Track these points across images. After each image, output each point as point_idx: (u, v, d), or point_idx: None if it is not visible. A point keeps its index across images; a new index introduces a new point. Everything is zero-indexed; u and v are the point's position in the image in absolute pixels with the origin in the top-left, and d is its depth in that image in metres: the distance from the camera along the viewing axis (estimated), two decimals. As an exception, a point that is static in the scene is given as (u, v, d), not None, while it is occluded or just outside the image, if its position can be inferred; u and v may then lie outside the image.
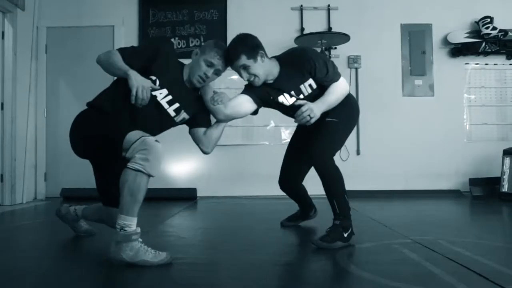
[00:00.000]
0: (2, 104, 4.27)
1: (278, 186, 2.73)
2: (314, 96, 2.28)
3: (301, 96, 2.30)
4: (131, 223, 1.81)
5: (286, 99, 2.33)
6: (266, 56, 2.25)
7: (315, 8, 4.93)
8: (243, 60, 2.15)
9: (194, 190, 4.60)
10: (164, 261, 1.84)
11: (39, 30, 4.77)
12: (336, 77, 2.27)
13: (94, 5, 4.85)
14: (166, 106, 2.09)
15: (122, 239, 1.80)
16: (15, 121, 4.33)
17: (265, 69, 2.22)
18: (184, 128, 2.34)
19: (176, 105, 2.12)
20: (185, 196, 4.48)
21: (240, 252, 2.15)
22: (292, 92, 2.30)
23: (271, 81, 2.28)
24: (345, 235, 2.16)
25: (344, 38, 4.56)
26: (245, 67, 2.17)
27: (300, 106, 2.20)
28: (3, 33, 4.28)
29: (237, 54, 2.14)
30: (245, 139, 4.84)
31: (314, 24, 4.84)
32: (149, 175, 1.80)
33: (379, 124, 4.86)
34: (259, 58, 2.18)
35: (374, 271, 1.72)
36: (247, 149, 4.83)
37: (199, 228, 3.10)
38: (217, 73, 2.17)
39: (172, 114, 2.13)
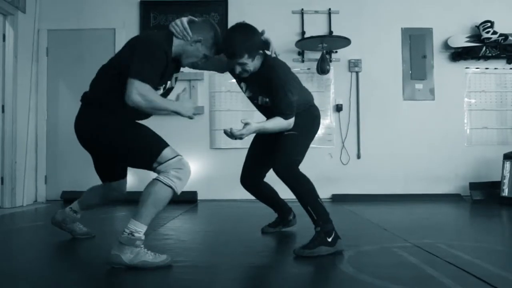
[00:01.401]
0: (3, 106, 4.28)
1: (277, 189, 2.73)
2: (267, 105, 2.32)
3: (255, 101, 2.38)
4: (141, 230, 1.83)
5: (245, 90, 2.40)
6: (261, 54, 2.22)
7: (316, 12, 4.94)
8: (244, 59, 2.12)
9: (194, 193, 4.59)
10: (164, 263, 1.84)
11: (40, 32, 4.79)
12: (284, 116, 2.21)
13: (95, 8, 4.87)
14: (160, 91, 2.05)
15: (126, 242, 1.80)
16: (15, 123, 4.34)
17: (256, 65, 2.21)
18: (185, 132, 2.35)
19: (168, 84, 2.10)
20: (185, 199, 4.47)
21: (240, 255, 2.15)
22: (252, 94, 2.36)
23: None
24: (329, 239, 2.09)
25: (344, 41, 4.57)
26: (242, 64, 2.15)
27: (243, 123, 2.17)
28: (4, 35, 4.29)
29: (240, 53, 2.10)
30: (245, 143, 4.78)
31: (315, 27, 4.86)
32: (176, 193, 1.87)
33: (380, 128, 4.86)
34: (256, 57, 2.17)
35: (374, 274, 1.72)
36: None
37: (199, 231, 3.10)
38: None
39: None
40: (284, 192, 2.74)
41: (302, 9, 4.93)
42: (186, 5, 4.90)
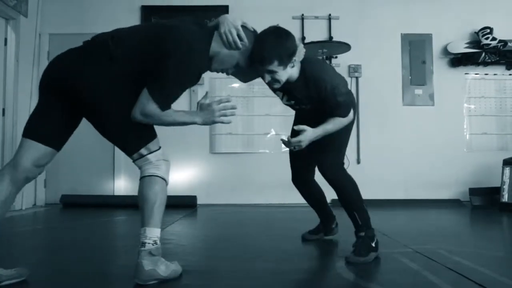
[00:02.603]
0: (4, 110, 4.28)
1: (278, 194, 2.72)
2: (313, 108, 2.19)
3: (298, 107, 2.24)
4: (159, 235, 1.71)
5: (282, 98, 2.25)
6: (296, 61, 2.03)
7: (316, 18, 4.96)
8: (274, 66, 1.91)
9: (194, 198, 4.59)
10: (180, 269, 1.80)
11: (41, 36, 4.80)
12: (344, 113, 2.13)
13: (97, 13, 4.88)
14: None
15: (157, 253, 1.68)
16: (16, 127, 4.34)
17: (289, 75, 2.02)
18: (185, 137, 2.34)
19: None
20: (185, 204, 4.47)
21: (240, 260, 2.15)
22: (293, 102, 2.23)
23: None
24: (373, 244, 2.12)
25: (344, 47, 4.58)
26: (272, 72, 1.94)
27: (296, 131, 2.07)
28: (6, 39, 4.30)
29: (271, 59, 1.88)
30: (245, 147, 4.84)
31: (315, 33, 4.88)
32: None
33: (379, 133, 4.87)
34: (289, 66, 1.98)
35: (374, 280, 1.72)
36: (247, 157, 4.83)
37: (198, 235, 3.09)
38: None
39: None
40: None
41: (303, 15, 4.95)
42: (187, 11, 4.91)
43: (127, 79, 1.68)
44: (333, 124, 2.11)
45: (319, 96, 2.07)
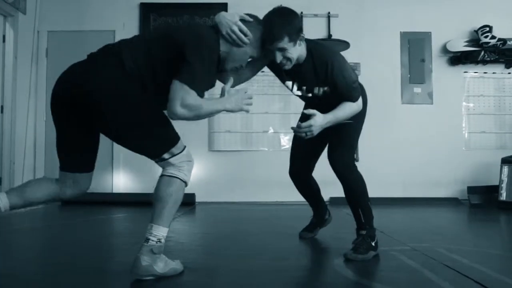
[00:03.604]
0: (2, 107, 4.28)
1: (276, 192, 2.72)
2: (325, 96, 2.13)
3: (310, 95, 2.16)
4: (165, 235, 1.72)
5: (292, 87, 2.20)
6: (304, 39, 2.05)
7: (315, 15, 4.96)
8: (285, 42, 1.92)
9: (192, 196, 4.59)
10: (182, 268, 1.80)
11: (40, 34, 4.79)
12: (353, 98, 2.11)
13: (95, 10, 4.88)
14: None
15: (158, 251, 1.68)
16: (14, 124, 4.34)
17: (299, 53, 2.03)
18: (184, 134, 2.33)
19: None
20: (183, 201, 4.44)
21: (239, 257, 2.15)
22: (304, 88, 2.16)
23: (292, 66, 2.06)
24: (373, 243, 2.12)
25: (343, 45, 4.58)
26: (283, 50, 1.95)
27: (306, 115, 2.02)
28: (4, 36, 4.30)
29: (281, 35, 1.90)
30: (244, 145, 4.85)
31: (314, 31, 4.86)
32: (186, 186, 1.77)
33: (378, 131, 4.86)
34: (298, 42, 1.99)
35: (372, 278, 1.72)
36: (246, 155, 4.83)
37: (197, 233, 3.09)
38: None
39: None
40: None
41: (302, 13, 4.93)
42: (186, 8, 4.91)
43: (139, 85, 1.65)
44: (344, 110, 2.07)
45: (326, 76, 2.04)
